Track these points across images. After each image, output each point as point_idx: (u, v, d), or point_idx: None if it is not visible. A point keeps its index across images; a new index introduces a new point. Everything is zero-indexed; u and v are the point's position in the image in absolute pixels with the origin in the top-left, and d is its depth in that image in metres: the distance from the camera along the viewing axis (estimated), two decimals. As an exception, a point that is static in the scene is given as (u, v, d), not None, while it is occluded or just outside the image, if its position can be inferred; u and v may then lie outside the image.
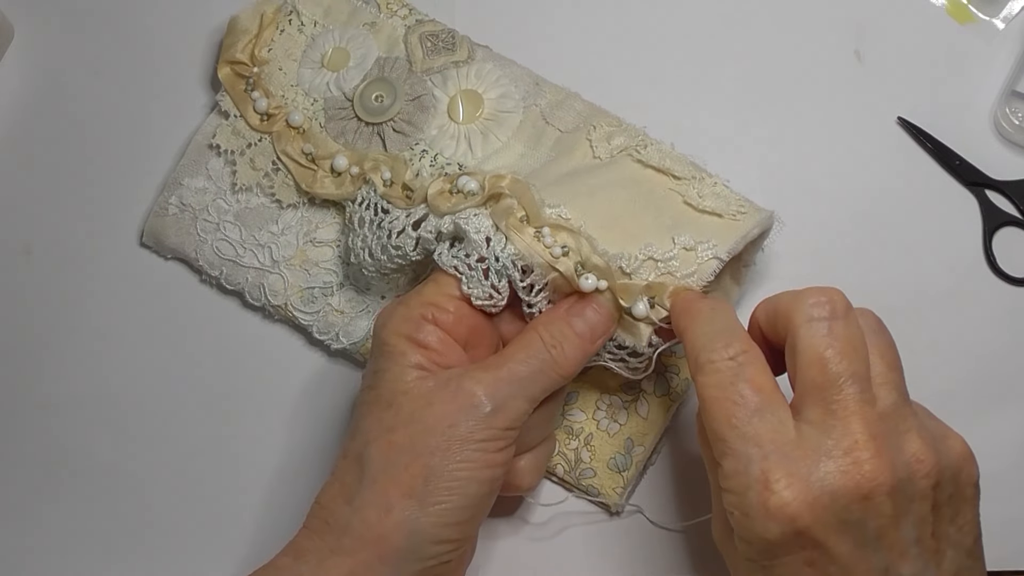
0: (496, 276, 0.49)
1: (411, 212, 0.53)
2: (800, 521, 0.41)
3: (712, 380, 0.44)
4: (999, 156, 0.60)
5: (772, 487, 0.41)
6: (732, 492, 0.42)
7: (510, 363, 0.48)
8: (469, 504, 0.46)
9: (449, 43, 0.58)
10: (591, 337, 0.49)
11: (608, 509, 0.56)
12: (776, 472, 0.41)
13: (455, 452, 0.46)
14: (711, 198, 0.52)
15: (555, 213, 0.50)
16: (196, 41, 0.62)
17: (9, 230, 0.61)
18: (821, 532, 0.41)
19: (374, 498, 0.46)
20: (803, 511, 0.41)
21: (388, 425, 0.47)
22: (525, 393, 0.47)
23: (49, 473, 0.58)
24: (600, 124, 0.56)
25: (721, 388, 0.43)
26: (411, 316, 0.49)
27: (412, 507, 0.45)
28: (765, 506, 0.41)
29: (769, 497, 0.41)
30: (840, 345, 0.43)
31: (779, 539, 0.41)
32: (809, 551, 0.41)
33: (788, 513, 0.41)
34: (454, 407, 0.46)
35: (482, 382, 0.47)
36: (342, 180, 0.56)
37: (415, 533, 0.45)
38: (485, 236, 0.50)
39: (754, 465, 0.42)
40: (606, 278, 0.48)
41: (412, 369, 0.47)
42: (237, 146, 0.58)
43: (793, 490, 0.41)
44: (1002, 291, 0.58)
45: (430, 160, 0.56)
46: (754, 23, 0.62)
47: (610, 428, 0.55)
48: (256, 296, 0.58)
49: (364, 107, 0.57)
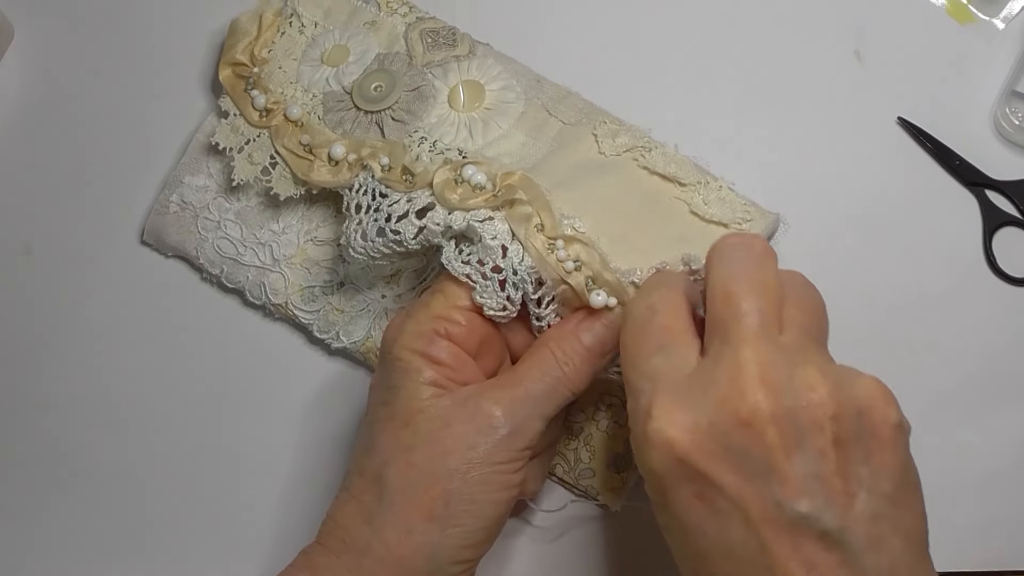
0: (513, 288, 0.49)
1: (413, 197, 0.52)
2: (678, 447, 0.39)
3: (627, 327, 0.44)
4: (999, 156, 0.60)
5: (652, 414, 0.40)
6: (630, 429, 0.42)
7: (526, 382, 0.47)
8: (487, 525, 0.47)
9: (450, 39, 0.58)
10: (600, 352, 0.49)
11: (607, 508, 0.56)
12: (660, 401, 0.40)
13: (474, 475, 0.46)
14: (717, 204, 0.52)
15: (570, 225, 0.50)
16: (196, 42, 0.62)
17: (9, 230, 0.61)
18: (703, 461, 0.39)
19: (394, 520, 0.46)
20: (681, 437, 0.39)
21: (406, 445, 0.47)
22: (540, 412, 0.47)
23: (49, 473, 0.59)
24: (604, 122, 0.56)
25: (633, 333, 0.44)
26: (422, 331, 0.48)
27: (433, 530, 0.46)
28: (645, 434, 0.40)
29: (648, 424, 0.40)
30: (747, 281, 0.42)
31: (662, 469, 0.40)
32: (695, 483, 0.40)
33: (664, 439, 0.40)
34: (472, 428, 0.46)
35: (500, 402, 0.47)
36: (339, 168, 0.55)
37: (436, 556, 0.46)
38: (501, 244, 0.49)
39: (644, 398, 0.41)
40: (617, 295, 0.48)
41: (427, 386, 0.47)
42: (236, 143, 0.58)
43: (671, 416, 0.40)
44: (1002, 291, 0.58)
45: (429, 146, 0.55)
46: (754, 23, 0.62)
47: (609, 428, 0.55)
48: (257, 295, 0.58)
49: (363, 96, 0.57)
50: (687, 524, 0.40)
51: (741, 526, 0.39)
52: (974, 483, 0.55)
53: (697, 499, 0.40)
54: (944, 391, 0.55)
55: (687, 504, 0.40)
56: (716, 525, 0.40)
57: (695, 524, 0.40)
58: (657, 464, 0.40)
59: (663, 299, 0.44)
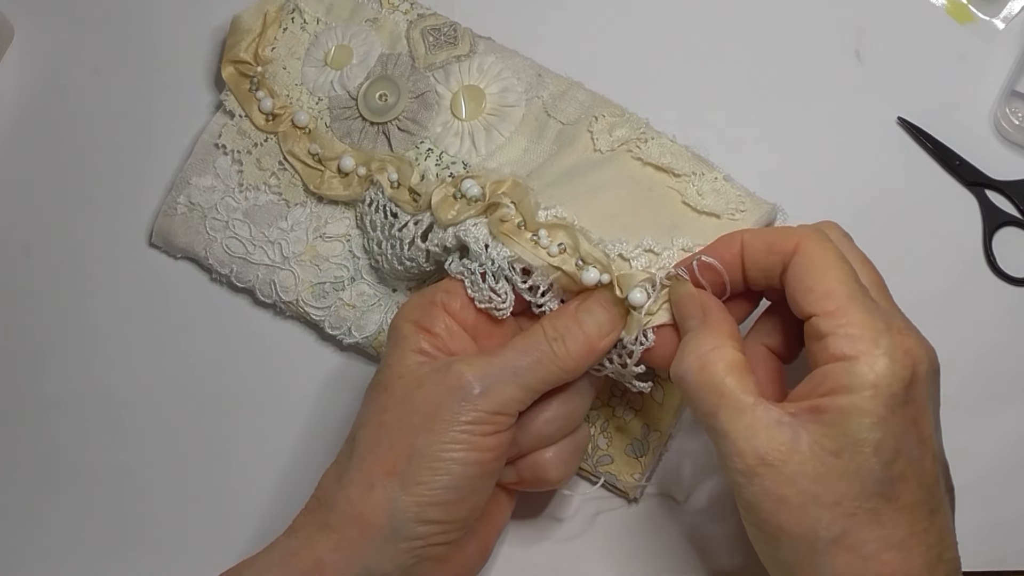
0: (493, 278, 0.50)
1: (419, 219, 0.54)
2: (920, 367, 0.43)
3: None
4: (999, 156, 0.60)
5: (902, 332, 0.43)
6: (856, 337, 0.43)
7: (507, 351, 0.48)
8: (455, 486, 0.46)
9: (451, 37, 0.59)
10: (598, 332, 0.49)
11: (626, 496, 0.56)
12: (897, 323, 0.43)
13: (439, 432, 0.46)
14: (711, 195, 0.52)
15: (550, 214, 0.51)
16: (199, 40, 0.62)
17: (13, 231, 0.61)
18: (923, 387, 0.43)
19: (359, 476, 0.47)
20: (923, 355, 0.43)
21: (381, 406, 0.48)
22: (519, 381, 0.47)
23: (54, 473, 0.59)
24: (602, 114, 0.56)
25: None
26: (423, 302, 0.50)
27: (394, 485, 0.46)
28: (904, 347, 0.42)
29: (904, 340, 0.42)
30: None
31: (910, 377, 0.42)
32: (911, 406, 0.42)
33: (914, 356, 0.43)
34: (442, 388, 0.47)
35: (473, 366, 0.47)
36: (349, 181, 0.57)
37: (396, 512, 0.46)
38: (484, 243, 0.50)
39: (879, 316, 0.43)
40: (606, 270, 0.48)
41: (414, 354, 0.48)
42: (243, 146, 0.59)
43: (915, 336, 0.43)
44: (1002, 291, 0.58)
45: (435, 159, 0.57)
46: (754, 23, 0.62)
47: (626, 415, 0.56)
48: (267, 293, 0.58)
49: (368, 107, 0.58)
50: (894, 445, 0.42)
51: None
52: (974, 483, 0.55)
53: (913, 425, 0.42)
54: (944, 391, 0.55)
55: (906, 428, 0.42)
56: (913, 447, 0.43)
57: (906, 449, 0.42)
58: (905, 377, 0.42)
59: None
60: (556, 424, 0.50)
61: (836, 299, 0.43)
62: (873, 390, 0.41)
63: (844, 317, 0.42)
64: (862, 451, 0.41)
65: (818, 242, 0.45)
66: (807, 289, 0.44)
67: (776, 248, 0.45)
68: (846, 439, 0.41)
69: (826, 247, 0.45)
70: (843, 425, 0.41)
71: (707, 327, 0.46)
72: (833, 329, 0.42)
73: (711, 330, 0.45)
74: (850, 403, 0.41)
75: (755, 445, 0.42)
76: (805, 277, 0.44)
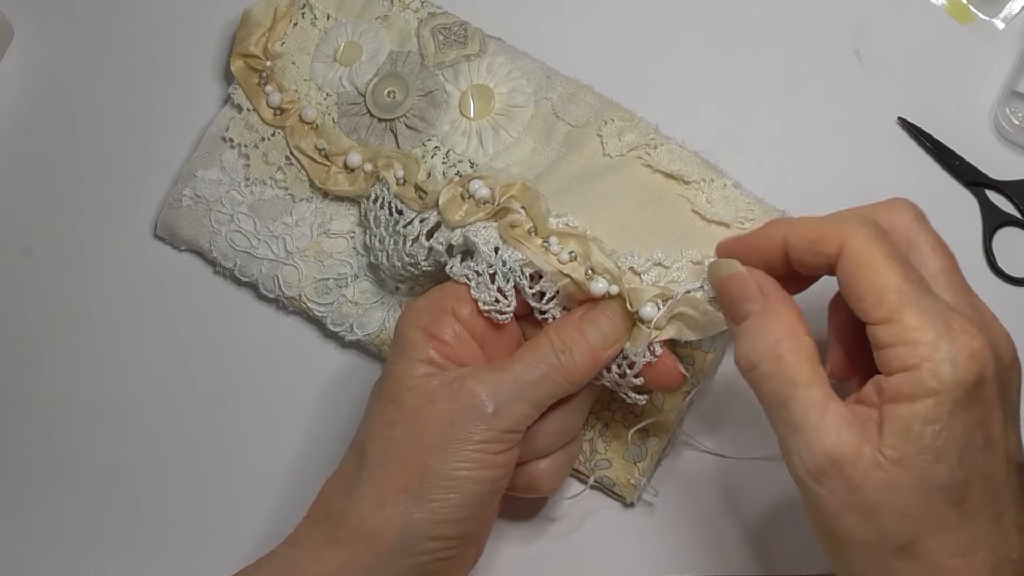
0: (503, 279, 0.49)
1: (425, 217, 0.54)
2: (987, 368, 0.41)
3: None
4: (999, 156, 0.60)
5: (966, 331, 0.41)
6: (915, 343, 0.41)
7: (516, 365, 0.48)
8: (466, 503, 0.46)
9: (461, 36, 0.59)
10: (603, 344, 0.49)
11: (623, 501, 0.56)
12: (960, 322, 0.41)
13: (453, 451, 0.46)
14: (720, 203, 0.52)
15: (562, 222, 0.51)
16: (209, 33, 0.62)
17: (14, 231, 0.61)
18: (991, 385, 0.41)
19: (370, 492, 0.46)
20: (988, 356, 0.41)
21: (390, 420, 0.47)
22: (529, 397, 0.47)
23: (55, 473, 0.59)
24: (612, 119, 0.56)
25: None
26: (431, 308, 0.49)
27: (407, 503, 0.46)
28: (968, 349, 0.40)
29: (969, 341, 0.40)
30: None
31: (974, 381, 0.40)
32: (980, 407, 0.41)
33: (980, 358, 0.40)
34: (456, 406, 0.46)
35: (485, 383, 0.47)
36: (355, 177, 0.57)
37: (408, 529, 0.46)
38: (494, 246, 0.50)
39: (938, 317, 0.41)
40: (615, 281, 0.48)
41: (422, 364, 0.48)
42: (250, 140, 0.59)
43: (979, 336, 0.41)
44: (1002, 291, 0.58)
45: (442, 157, 0.57)
46: (754, 23, 0.62)
47: (625, 419, 0.56)
48: (270, 287, 0.58)
49: (376, 103, 0.58)
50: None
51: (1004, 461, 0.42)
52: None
53: (978, 427, 0.41)
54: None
55: (971, 432, 0.41)
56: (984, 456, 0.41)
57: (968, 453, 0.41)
58: (973, 375, 0.40)
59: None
60: (553, 438, 0.50)
61: (888, 306, 0.41)
62: (935, 398, 0.40)
63: (899, 325, 0.41)
64: (925, 459, 0.40)
65: (864, 239, 0.42)
66: (858, 298, 0.42)
67: (820, 249, 0.43)
68: (909, 448, 0.40)
69: (872, 246, 0.42)
70: (906, 434, 0.40)
71: (772, 312, 0.44)
72: (891, 340, 0.41)
73: (777, 316, 0.43)
74: (912, 412, 0.40)
75: (825, 445, 0.41)
76: (854, 285, 0.42)
